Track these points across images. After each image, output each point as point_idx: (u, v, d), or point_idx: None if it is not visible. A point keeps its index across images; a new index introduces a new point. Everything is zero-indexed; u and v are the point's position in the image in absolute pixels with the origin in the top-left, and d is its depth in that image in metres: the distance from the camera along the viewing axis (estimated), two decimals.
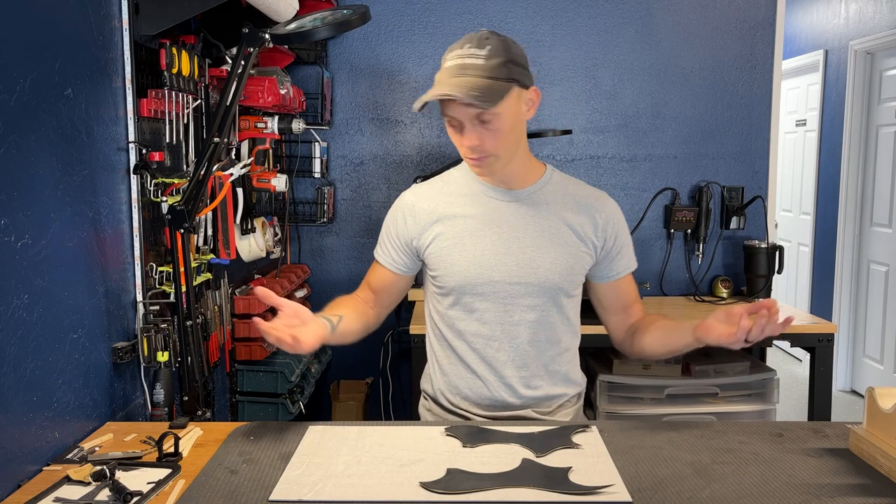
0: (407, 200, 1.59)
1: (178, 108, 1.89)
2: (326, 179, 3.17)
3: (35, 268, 1.31)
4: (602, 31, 3.10)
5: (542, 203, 1.53)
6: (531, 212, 1.52)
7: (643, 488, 1.17)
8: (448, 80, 1.37)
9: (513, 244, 1.50)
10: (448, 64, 1.40)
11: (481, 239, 1.50)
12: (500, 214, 1.52)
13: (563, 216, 1.52)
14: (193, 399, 1.69)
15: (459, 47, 1.40)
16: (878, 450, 1.24)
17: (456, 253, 1.51)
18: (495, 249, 1.50)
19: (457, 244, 1.51)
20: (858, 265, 4.56)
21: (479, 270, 1.50)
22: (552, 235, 1.51)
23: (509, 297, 1.51)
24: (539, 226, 1.51)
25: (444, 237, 1.52)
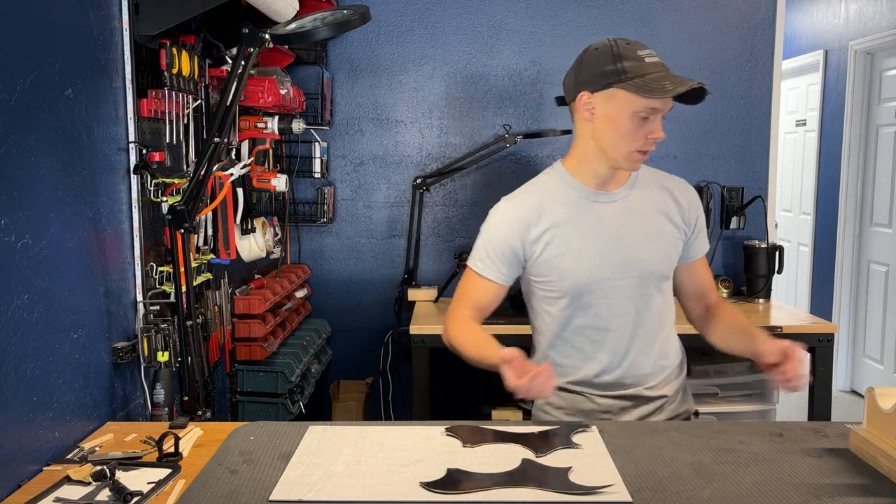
0: (512, 211, 1.62)
1: (179, 108, 1.89)
2: (326, 179, 3.17)
3: (35, 268, 1.31)
4: (602, 31, 3.09)
5: (638, 199, 1.62)
6: (630, 210, 1.61)
7: (643, 488, 1.17)
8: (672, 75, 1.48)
9: (619, 243, 1.58)
10: (652, 60, 1.49)
11: (589, 242, 1.58)
12: (603, 217, 1.59)
13: (657, 207, 1.63)
14: (193, 399, 1.69)
15: (643, 48, 1.50)
16: (878, 450, 1.24)
17: (567, 259, 1.57)
18: (603, 251, 1.58)
19: (567, 250, 1.57)
20: (858, 265, 4.56)
21: (591, 272, 1.57)
22: (650, 228, 1.61)
23: (620, 290, 1.59)
24: (639, 222, 1.61)
25: (555, 244, 1.58)
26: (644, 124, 1.51)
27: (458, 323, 1.63)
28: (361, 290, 3.23)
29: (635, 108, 1.48)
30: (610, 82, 1.49)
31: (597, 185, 1.60)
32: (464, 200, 3.19)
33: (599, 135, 1.55)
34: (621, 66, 1.48)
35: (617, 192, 1.61)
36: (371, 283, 3.23)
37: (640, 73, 1.47)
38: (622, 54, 1.49)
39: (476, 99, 3.15)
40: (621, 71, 1.48)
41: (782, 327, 2.60)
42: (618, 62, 1.49)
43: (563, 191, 1.62)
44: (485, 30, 3.11)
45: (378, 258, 3.22)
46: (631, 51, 1.49)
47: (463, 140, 3.16)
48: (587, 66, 1.54)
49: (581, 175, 1.61)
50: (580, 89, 1.55)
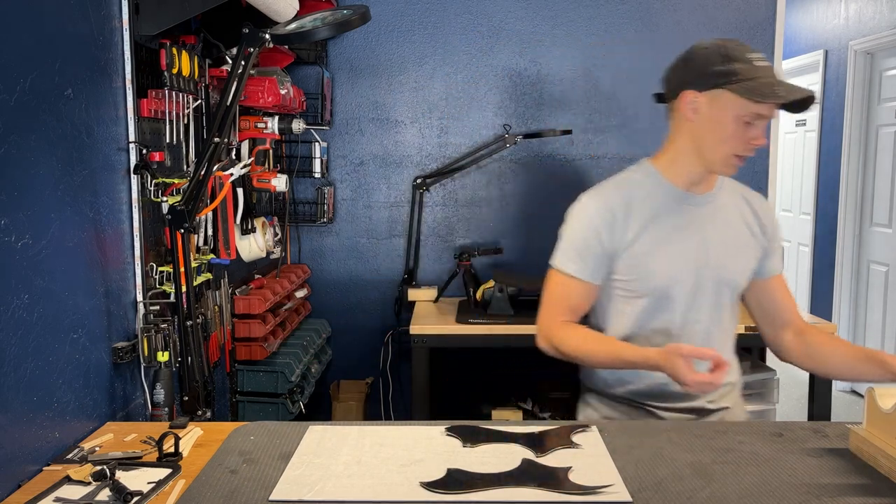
0: (602, 207, 1.57)
1: (179, 108, 1.89)
2: (326, 179, 3.17)
3: (35, 268, 1.31)
4: (602, 31, 3.10)
5: (723, 206, 1.60)
6: (716, 215, 1.58)
7: (643, 488, 1.17)
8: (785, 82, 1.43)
9: (704, 248, 1.56)
10: (760, 63, 1.45)
11: (676, 244, 1.55)
12: (691, 219, 1.56)
13: (739, 216, 1.61)
14: (193, 399, 1.69)
15: (752, 51, 1.46)
16: (878, 450, 1.24)
17: (654, 259, 1.54)
18: (688, 254, 1.55)
19: (654, 250, 1.54)
20: (858, 265, 4.56)
21: (675, 275, 1.54)
22: (735, 237, 1.59)
23: (698, 297, 1.56)
24: (724, 228, 1.58)
25: (643, 243, 1.54)
26: (747, 129, 1.47)
27: (565, 329, 1.57)
28: (361, 290, 3.23)
29: (741, 111, 1.44)
30: (718, 83, 1.45)
31: (687, 186, 1.57)
32: (464, 200, 3.19)
33: (699, 135, 1.52)
34: (731, 68, 1.44)
35: (705, 196, 1.58)
36: (371, 283, 3.23)
37: (751, 76, 1.43)
38: (732, 55, 1.45)
39: (476, 99, 3.15)
40: (731, 72, 1.44)
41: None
42: (728, 63, 1.45)
43: (653, 189, 1.58)
44: (485, 30, 3.11)
45: (378, 258, 3.22)
46: (742, 52, 1.45)
47: (463, 140, 3.16)
48: (695, 64, 1.50)
49: (672, 175, 1.58)
50: (685, 87, 1.51)
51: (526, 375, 3.19)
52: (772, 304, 1.67)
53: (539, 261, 3.18)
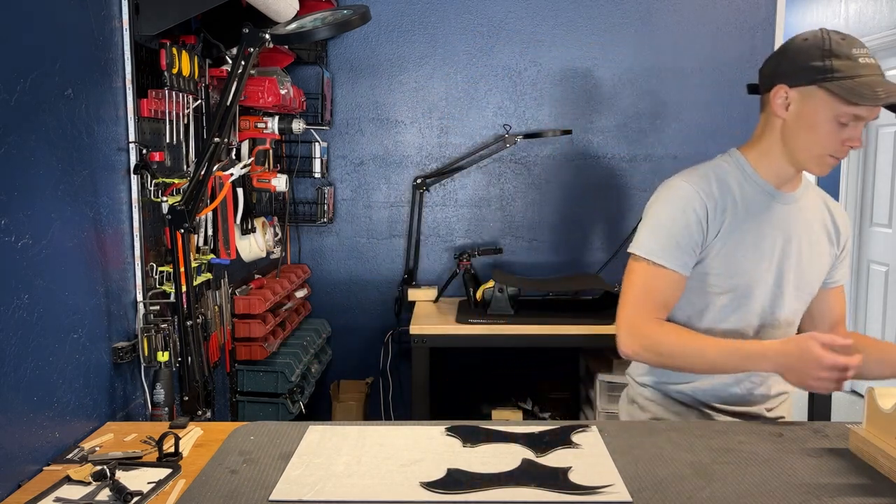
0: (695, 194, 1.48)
1: (179, 108, 1.89)
2: (326, 179, 3.17)
3: (35, 268, 1.31)
4: (602, 31, 3.10)
5: (806, 208, 1.55)
6: (801, 217, 1.54)
7: (643, 488, 1.17)
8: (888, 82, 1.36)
9: (788, 248, 1.52)
10: (865, 61, 1.37)
11: (762, 242, 1.50)
12: (779, 218, 1.51)
13: (821, 222, 1.57)
14: (193, 399, 1.69)
15: (858, 46, 1.38)
16: (878, 450, 1.24)
17: (740, 255, 1.49)
18: (774, 254, 1.51)
19: (741, 246, 1.49)
20: (858, 265, 4.56)
21: (760, 274, 1.50)
22: (816, 241, 1.55)
23: (778, 299, 1.53)
24: (807, 231, 1.54)
25: (731, 237, 1.48)
26: (842, 130, 1.40)
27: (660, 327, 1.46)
28: (361, 290, 3.23)
29: (837, 111, 1.37)
30: (814, 79, 1.38)
31: (776, 182, 1.51)
32: (464, 200, 3.19)
33: (790, 133, 1.45)
34: (830, 64, 1.37)
35: (791, 195, 1.53)
36: (371, 283, 3.23)
37: (851, 75, 1.36)
38: (834, 50, 1.37)
39: (476, 99, 3.15)
40: (829, 69, 1.36)
41: None
42: (827, 59, 1.37)
43: (743, 181, 1.51)
44: (485, 30, 3.11)
45: (378, 258, 3.22)
46: (845, 48, 1.37)
47: (463, 140, 3.16)
48: (791, 57, 1.43)
49: (762, 169, 1.51)
50: (778, 81, 1.44)
51: (526, 375, 3.19)
52: (826, 311, 1.63)
53: (539, 261, 3.19)
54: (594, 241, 3.17)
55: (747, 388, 1.55)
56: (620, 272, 3.29)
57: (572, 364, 3.14)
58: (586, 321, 2.61)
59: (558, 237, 3.19)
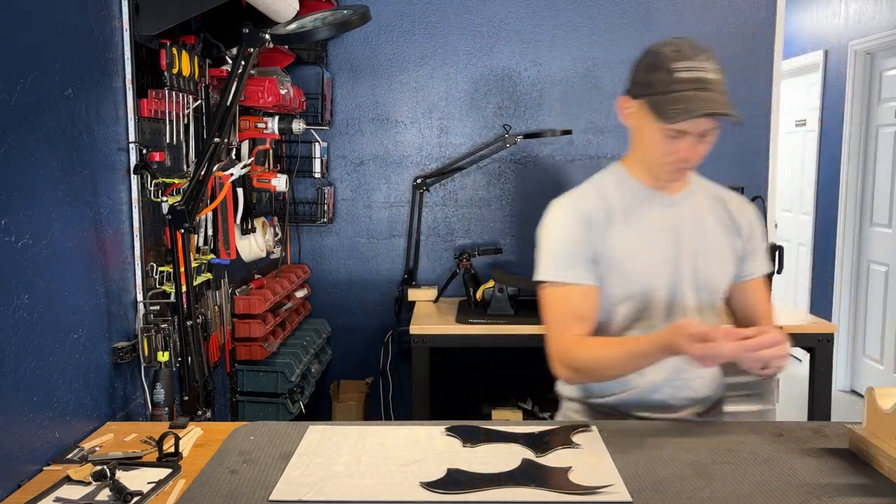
0: (579, 211, 1.51)
1: (179, 108, 1.89)
2: (326, 179, 3.17)
3: (35, 268, 1.31)
4: (602, 31, 3.10)
5: (697, 206, 1.54)
6: (691, 216, 1.53)
7: (643, 488, 1.17)
8: (703, 96, 1.36)
9: (680, 250, 1.51)
10: (684, 75, 1.36)
11: (651, 247, 1.50)
12: (666, 221, 1.51)
13: (715, 217, 1.55)
14: (193, 399, 1.69)
15: (688, 58, 1.37)
16: (878, 450, 1.24)
17: (636, 261, 1.49)
18: (669, 257, 1.50)
19: (630, 254, 1.49)
20: (858, 265, 4.56)
21: (658, 278, 1.50)
22: (710, 238, 1.54)
23: (680, 302, 1.52)
24: (699, 230, 1.53)
25: (619, 247, 1.49)
26: (672, 142, 1.41)
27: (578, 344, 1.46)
28: (361, 290, 3.23)
29: (659, 126, 1.39)
30: (638, 94, 1.43)
31: (657, 186, 1.52)
32: (464, 200, 3.19)
33: (636, 141, 1.50)
34: (649, 79, 1.40)
35: (676, 197, 1.53)
36: (371, 283, 3.23)
37: (665, 91, 1.37)
38: (656, 65, 1.40)
39: (476, 99, 3.15)
40: (648, 84, 1.40)
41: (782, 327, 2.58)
42: (649, 73, 1.40)
43: (624, 190, 1.53)
44: (485, 30, 3.11)
45: (378, 258, 3.22)
46: (669, 61, 1.38)
47: (463, 140, 3.16)
48: (634, 68, 1.46)
49: (641, 175, 1.53)
50: (625, 90, 1.48)
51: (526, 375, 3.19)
52: (748, 305, 1.60)
53: None
54: None
55: (669, 394, 1.53)
56: None
57: None
58: None
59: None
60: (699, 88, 1.37)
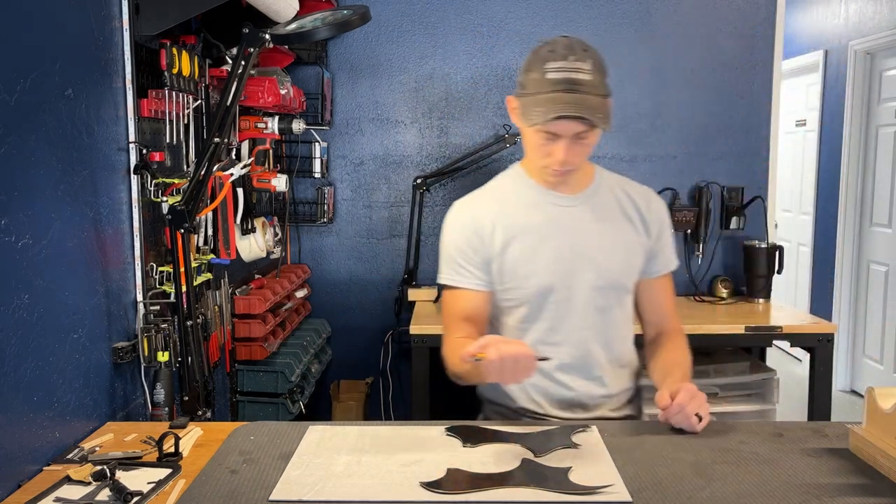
0: (469, 217, 1.53)
1: (179, 108, 1.89)
2: (326, 179, 3.17)
3: (35, 268, 1.31)
4: (602, 31, 3.10)
5: (601, 204, 1.53)
6: (593, 215, 1.52)
7: (643, 488, 1.17)
8: (567, 98, 1.33)
9: (581, 249, 1.50)
10: (553, 76, 1.34)
11: (551, 247, 1.49)
12: (565, 221, 1.51)
13: (621, 215, 1.54)
14: (193, 399, 1.69)
15: (561, 58, 1.35)
16: (878, 450, 1.24)
17: (529, 264, 1.49)
18: (565, 255, 1.49)
19: (529, 255, 1.49)
20: (858, 265, 4.56)
21: (553, 279, 1.49)
22: (615, 236, 1.53)
23: (581, 302, 1.51)
24: (602, 228, 1.52)
25: (516, 249, 1.49)
26: (548, 145, 1.40)
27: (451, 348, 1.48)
28: (361, 290, 3.23)
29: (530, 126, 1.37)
30: (516, 94, 1.43)
31: (551, 185, 1.51)
32: None
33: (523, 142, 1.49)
34: (525, 79, 1.39)
35: (577, 196, 1.52)
36: (371, 283, 3.23)
37: (533, 92, 1.36)
38: (532, 64, 1.38)
39: (476, 99, 3.15)
40: (523, 84, 1.39)
41: (782, 327, 2.59)
42: (524, 73, 1.39)
43: (521, 191, 1.53)
44: (485, 30, 3.11)
45: (378, 258, 3.22)
46: (542, 61, 1.36)
47: (463, 140, 3.16)
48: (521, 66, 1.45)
49: (538, 177, 1.52)
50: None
51: None
52: (653, 301, 1.60)
53: None
54: None
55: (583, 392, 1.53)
56: None
57: None
58: None
59: None
60: (567, 90, 1.34)
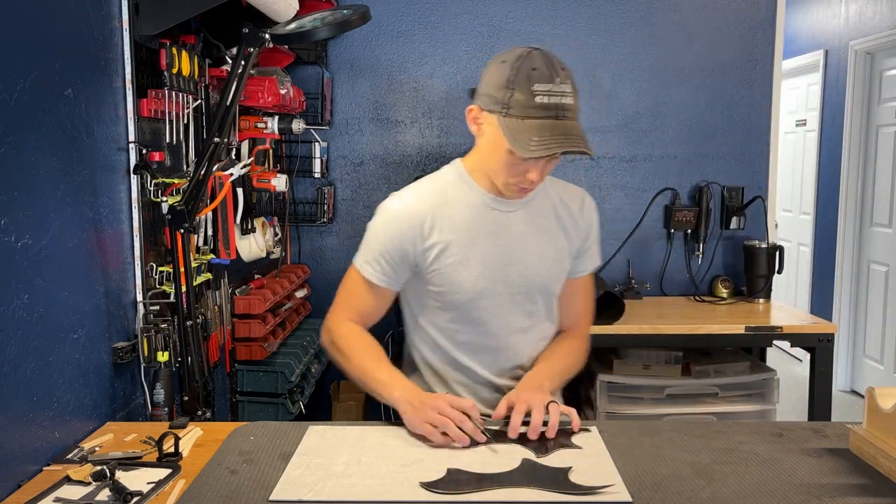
0: (404, 211, 1.48)
1: (178, 108, 1.89)
2: (326, 179, 3.17)
3: (35, 268, 1.31)
4: (602, 31, 3.10)
5: (537, 210, 1.52)
6: (528, 220, 1.51)
7: (643, 488, 1.17)
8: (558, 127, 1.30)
9: (515, 255, 1.49)
10: (542, 100, 1.30)
11: (486, 252, 1.48)
12: (501, 226, 1.49)
13: (555, 220, 1.53)
14: (193, 399, 1.69)
15: (548, 80, 1.30)
16: (878, 450, 1.24)
17: (463, 268, 1.46)
18: (499, 261, 1.48)
19: (463, 259, 1.46)
20: (858, 265, 4.56)
21: (486, 284, 1.48)
22: (548, 241, 1.52)
23: (513, 306, 1.51)
24: (536, 233, 1.51)
25: (450, 252, 1.46)
26: (522, 165, 1.36)
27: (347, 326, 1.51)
28: None
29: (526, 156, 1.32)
30: (493, 109, 1.34)
31: (496, 191, 1.47)
32: None
33: (483, 154, 1.44)
34: (509, 98, 1.31)
35: (515, 202, 1.49)
36: None
37: (522, 115, 1.30)
38: (516, 82, 1.31)
39: None
40: (506, 104, 1.31)
41: (782, 327, 2.59)
42: (508, 89, 1.31)
43: (462, 194, 1.48)
44: (485, 30, 3.11)
45: None
46: (527, 81, 1.30)
47: (463, 140, 3.16)
48: (486, 78, 1.38)
49: (480, 179, 1.48)
50: (475, 99, 1.41)
51: None
52: (566, 304, 1.61)
53: None
54: None
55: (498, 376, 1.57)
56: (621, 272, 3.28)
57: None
58: None
59: None
60: (558, 117, 1.31)
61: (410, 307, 1.59)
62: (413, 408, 1.34)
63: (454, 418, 1.31)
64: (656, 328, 2.58)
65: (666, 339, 2.59)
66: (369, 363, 1.47)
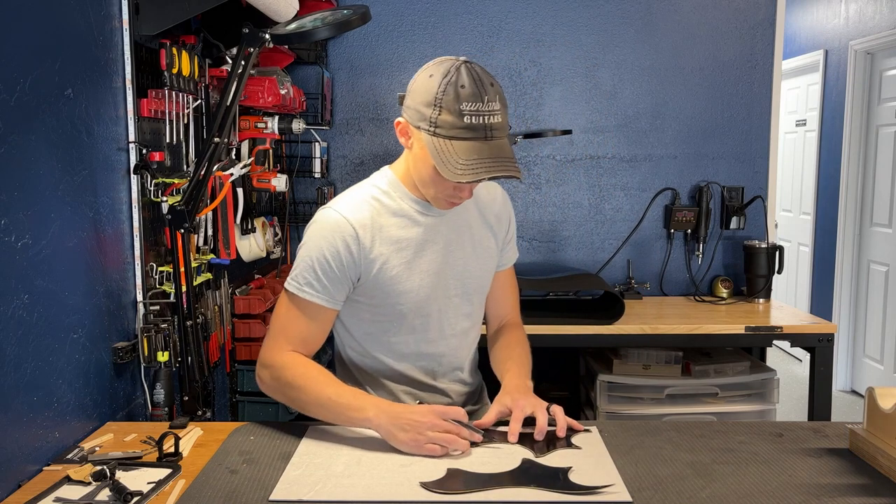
0: (343, 224, 1.41)
1: (179, 108, 1.89)
2: (326, 179, 3.17)
3: (35, 268, 1.31)
4: (602, 31, 3.10)
5: (463, 213, 1.51)
6: (459, 224, 1.51)
7: (643, 488, 1.17)
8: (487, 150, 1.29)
9: (450, 259, 1.50)
10: (470, 121, 1.27)
11: (426, 261, 1.47)
12: (435, 233, 1.48)
13: (480, 218, 1.56)
14: (193, 399, 1.69)
15: (476, 98, 1.27)
16: (878, 450, 1.24)
17: (405, 281, 1.44)
18: (437, 268, 1.48)
19: (405, 271, 1.44)
20: (858, 265, 4.56)
21: (428, 292, 1.48)
22: (478, 242, 1.55)
23: (450, 310, 1.53)
24: (466, 235, 1.53)
25: (391, 264, 1.43)
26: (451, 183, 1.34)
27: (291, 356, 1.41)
28: None
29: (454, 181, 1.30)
30: (420, 126, 1.32)
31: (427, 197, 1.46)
32: None
33: (412, 167, 1.42)
34: (436, 116, 1.28)
35: None
36: None
37: (450, 135, 1.28)
38: (444, 100, 1.28)
39: None
40: (434, 122, 1.29)
41: (782, 327, 2.59)
42: (435, 108, 1.28)
43: (395, 202, 1.46)
44: (485, 30, 3.11)
45: None
46: (457, 99, 1.27)
47: None
48: (413, 91, 1.34)
49: (411, 187, 1.46)
50: (402, 111, 1.38)
51: None
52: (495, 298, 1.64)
53: (539, 261, 3.19)
54: (594, 241, 3.17)
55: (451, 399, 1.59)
56: (621, 272, 3.28)
57: (572, 364, 3.14)
58: (586, 321, 2.61)
59: (558, 237, 3.19)
60: (486, 137, 1.29)
61: (345, 326, 1.54)
62: (403, 431, 1.28)
63: (453, 432, 1.30)
64: (656, 328, 2.58)
65: (666, 339, 2.59)
66: (327, 389, 1.37)
